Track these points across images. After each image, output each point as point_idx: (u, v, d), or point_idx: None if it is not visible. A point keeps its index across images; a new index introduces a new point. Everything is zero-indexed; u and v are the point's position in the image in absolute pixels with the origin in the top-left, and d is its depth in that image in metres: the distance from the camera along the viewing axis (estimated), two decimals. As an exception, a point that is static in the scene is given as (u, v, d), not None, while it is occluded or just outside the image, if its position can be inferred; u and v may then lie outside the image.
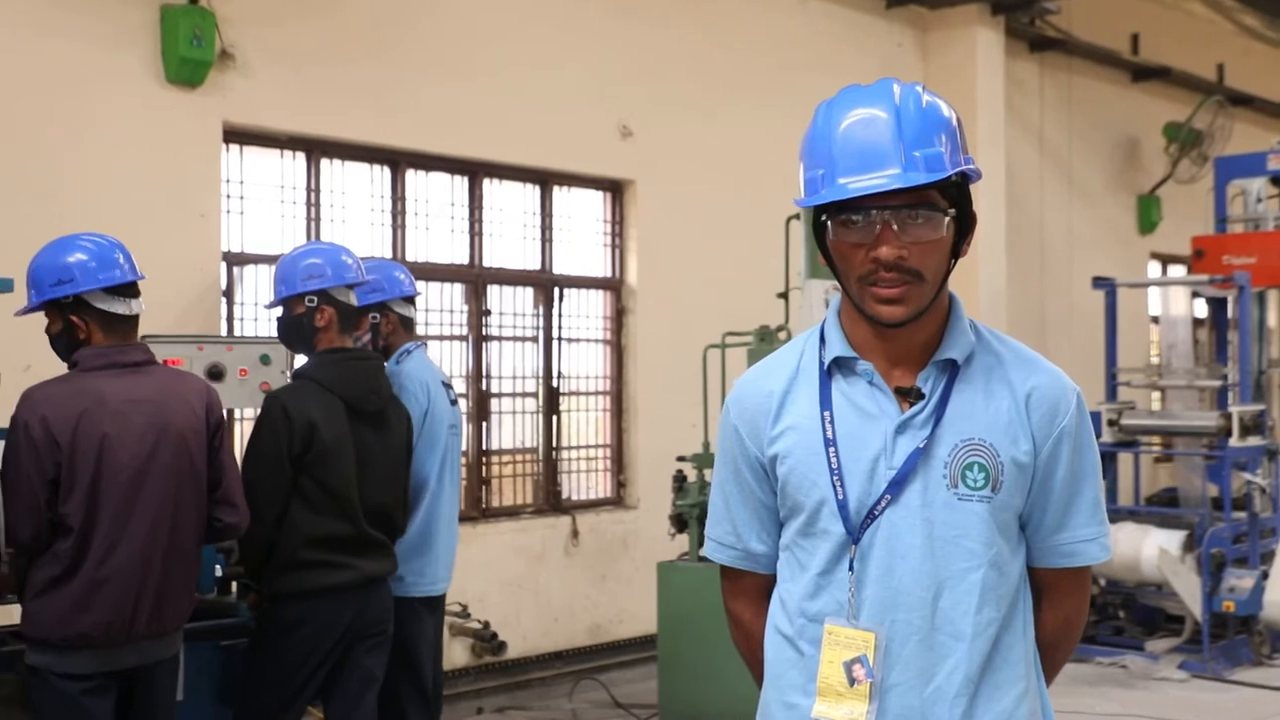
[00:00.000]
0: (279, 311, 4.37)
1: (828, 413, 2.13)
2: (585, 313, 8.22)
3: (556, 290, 8.02)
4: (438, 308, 7.44)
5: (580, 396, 8.23)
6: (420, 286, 5.12)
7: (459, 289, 7.59)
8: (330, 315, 4.28)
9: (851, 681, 2.09)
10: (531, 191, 7.97)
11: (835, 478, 2.10)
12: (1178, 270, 12.67)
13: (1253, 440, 8.24)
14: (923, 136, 2.03)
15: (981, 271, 9.76)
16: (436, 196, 7.51)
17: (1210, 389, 9.15)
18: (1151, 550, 7.89)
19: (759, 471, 2.21)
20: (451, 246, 7.56)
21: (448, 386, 5.00)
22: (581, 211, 8.24)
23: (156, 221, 5.95)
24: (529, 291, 7.94)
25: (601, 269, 8.33)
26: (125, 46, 6.05)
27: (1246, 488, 8.36)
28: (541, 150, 7.78)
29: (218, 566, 4.63)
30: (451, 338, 7.55)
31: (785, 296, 6.62)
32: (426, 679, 4.80)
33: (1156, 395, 10.80)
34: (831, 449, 2.11)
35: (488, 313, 7.66)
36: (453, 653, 6.99)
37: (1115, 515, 8.20)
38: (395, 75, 7.05)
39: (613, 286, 8.35)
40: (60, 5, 5.89)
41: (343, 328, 4.33)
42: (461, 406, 5.71)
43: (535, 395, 7.95)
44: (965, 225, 2.11)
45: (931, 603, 2.08)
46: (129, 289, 3.77)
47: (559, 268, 8.06)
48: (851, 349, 2.15)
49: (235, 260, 6.56)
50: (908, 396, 2.12)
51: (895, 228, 2.03)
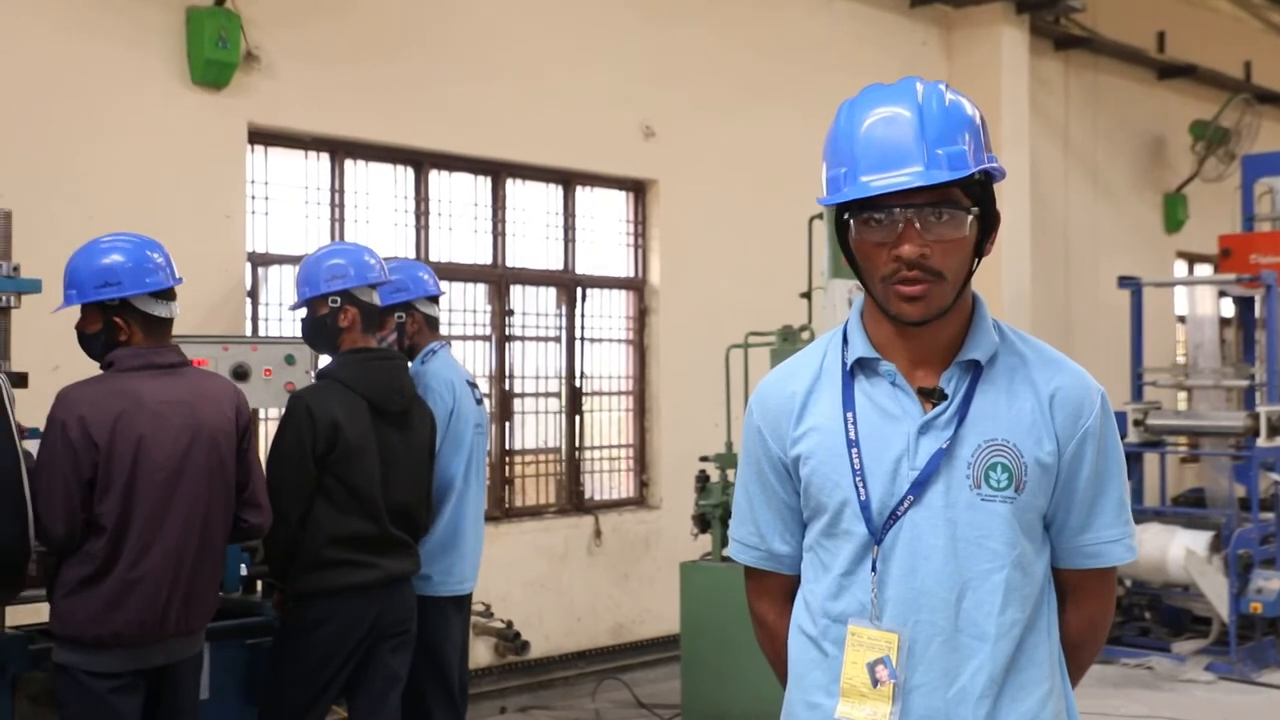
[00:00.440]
0: (303, 312, 4.39)
1: (850, 413, 2.13)
2: (608, 313, 8.23)
3: (579, 290, 8.02)
4: (460, 308, 7.45)
5: (603, 396, 8.23)
6: (443, 287, 5.13)
7: (482, 289, 7.61)
8: (353, 315, 4.30)
9: (875, 682, 2.08)
10: (554, 192, 7.99)
11: (858, 478, 2.10)
12: (1204, 269, 12.60)
13: (1280, 440, 8.20)
14: (946, 134, 2.02)
15: (1006, 271, 9.73)
16: (460, 197, 7.53)
17: (1237, 389, 9.10)
18: (1178, 551, 7.84)
19: (782, 472, 2.21)
20: (474, 247, 7.58)
21: (473, 386, 5.00)
22: (604, 211, 8.25)
23: (182, 222, 5.98)
24: (552, 291, 7.95)
25: (624, 269, 8.33)
26: (151, 48, 6.09)
27: (1274, 488, 8.31)
28: (564, 150, 7.79)
29: (242, 566, 4.66)
30: (474, 338, 7.56)
31: (808, 296, 6.60)
32: (452, 679, 4.81)
33: (1183, 395, 10.75)
34: (854, 450, 2.11)
35: (510, 313, 7.68)
36: (476, 652, 7.00)
37: (1141, 516, 8.16)
38: (418, 76, 7.07)
39: (635, 286, 8.35)
40: (86, 8, 5.93)
41: (366, 328, 4.34)
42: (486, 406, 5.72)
43: (558, 395, 7.96)
44: (989, 224, 2.09)
45: (955, 603, 2.07)
46: (168, 292, 3.80)
47: (582, 268, 8.07)
48: (874, 349, 2.14)
49: (260, 261, 6.59)
50: (930, 397, 2.11)
51: (918, 226, 2.02)
